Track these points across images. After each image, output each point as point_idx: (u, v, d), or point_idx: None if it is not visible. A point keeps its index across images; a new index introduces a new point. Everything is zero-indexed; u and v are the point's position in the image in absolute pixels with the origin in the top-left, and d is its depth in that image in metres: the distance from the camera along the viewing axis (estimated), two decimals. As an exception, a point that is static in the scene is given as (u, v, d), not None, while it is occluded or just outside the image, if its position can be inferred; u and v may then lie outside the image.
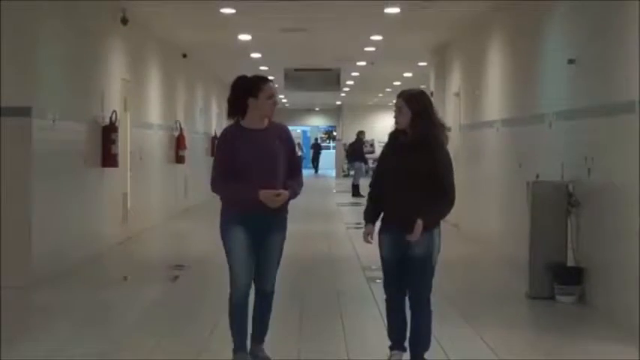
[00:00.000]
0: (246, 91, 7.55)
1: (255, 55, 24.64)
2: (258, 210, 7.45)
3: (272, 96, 7.61)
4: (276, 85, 31.52)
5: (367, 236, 7.75)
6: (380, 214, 7.74)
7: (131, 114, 18.17)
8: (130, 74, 18.20)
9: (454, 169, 7.65)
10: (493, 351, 8.89)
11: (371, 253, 8.79)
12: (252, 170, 7.48)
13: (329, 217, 24.13)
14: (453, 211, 7.73)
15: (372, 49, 23.81)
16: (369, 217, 7.83)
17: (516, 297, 11.66)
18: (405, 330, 7.69)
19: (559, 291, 11.30)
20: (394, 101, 7.72)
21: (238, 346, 7.69)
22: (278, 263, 7.83)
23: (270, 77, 8.23)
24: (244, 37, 21.29)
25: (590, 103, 11.11)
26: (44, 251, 12.37)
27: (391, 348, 7.75)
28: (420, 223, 7.33)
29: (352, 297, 11.92)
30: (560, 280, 11.33)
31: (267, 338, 7.84)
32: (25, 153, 12.09)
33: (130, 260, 15.43)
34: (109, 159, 15.61)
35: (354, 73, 31.64)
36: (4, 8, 11.77)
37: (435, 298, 7.72)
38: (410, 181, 7.41)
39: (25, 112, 12.02)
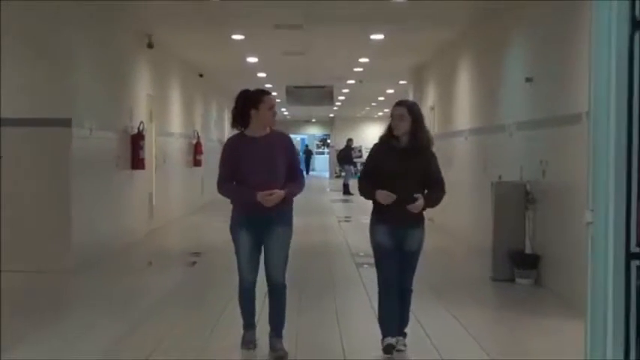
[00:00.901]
0: (249, 103, 7.33)
1: (261, 75, 24.61)
2: (260, 210, 7.20)
3: (272, 107, 7.41)
4: (279, 100, 31.47)
5: (387, 197, 7.15)
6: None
7: (156, 124, 18.19)
8: (154, 90, 18.19)
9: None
10: (462, 326, 8.88)
11: (359, 242, 8.72)
12: (254, 174, 7.26)
13: (323, 211, 24.14)
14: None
15: (360, 69, 23.82)
16: (370, 190, 7.30)
17: (482, 280, 11.69)
18: (396, 316, 7.41)
19: (518, 274, 11.33)
20: (392, 110, 7.48)
21: (247, 324, 7.58)
22: (287, 256, 7.51)
23: (274, 93, 8.12)
24: (252, 59, 21.28)
25: (544, 115, 11.12)
26: (82, 241, 12.36)
27: (384, 336, 7.37)
28: (421, 198, 7.20)
29: (343, 277, 12.11)
30: (519, 265, 11.35)
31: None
32: (66, 157, 12.11)
33: (155, 249, 15.44)
34: (137, 163, 15.63)
35: (345, 90, 31.62)
36: (50, 36, 11.77)
37: (414, 281, 7.66)
38: (409, 181, 7.21)
39: (66, 122, 12.03)
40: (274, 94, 7.97)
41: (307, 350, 7.87)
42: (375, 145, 7.56)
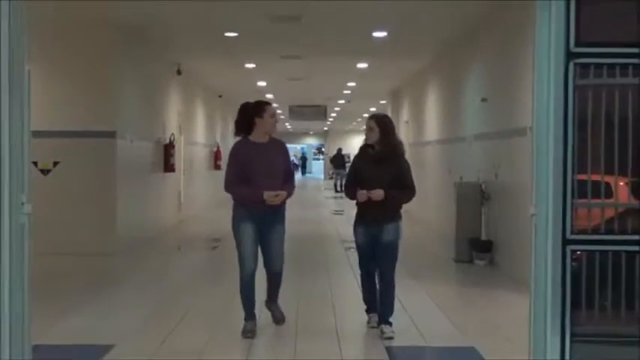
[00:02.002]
0: (253, 113, 6.89)
1: (269, 95, 24.59)
2: (261, 207, 6.77)
3: (273, 115, 6.97)
4: (283, 116, 31.38)
5: (363, 195, 6.79)
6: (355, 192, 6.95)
7: (184, 135, 18.17)
8: (182, 108, 18.20)
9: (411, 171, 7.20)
10: (431, 298, 8.86)
11: (348, 231, 8.69)
12: (258, 175, 6.78)
13: (318, 206, 24.08)
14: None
15: (349, 91, 23.80)
16: (354, 190, 6.93)
17: (447, 261, 11.68)
18: (376, 295, 7.13)
19: (476, 257, 11.33)
20: (366, 122, 7.15)
21: (248, 316, 6.97)
22: (283, 249, 7.09)
23: (279, 110, 8.01)
24: (261, 83, 21.27)
25: (496, 129, 11.11)
26: (124, 229, 12.36)
27: (367, 311, 7.23)
28: (381, 190, 6.73)
29: (334, 259, 12.06)
30: (476, 249, 11.35)
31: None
32: (112, 162, 12.11)
33: (183, 236, 15.41)
34: (168, 167, 15.64)
35: (336, 108, 31.60)
36: (101, 64, 11.79)
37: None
38: (382, 183, 6.78)
39: (111, 134, 12.03)
40: (279, 111, 7.85)
41: (306, 314, 7.89)
42: (356, 154, 7.26)
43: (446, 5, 10.85)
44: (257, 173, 6.79)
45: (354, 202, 7.07)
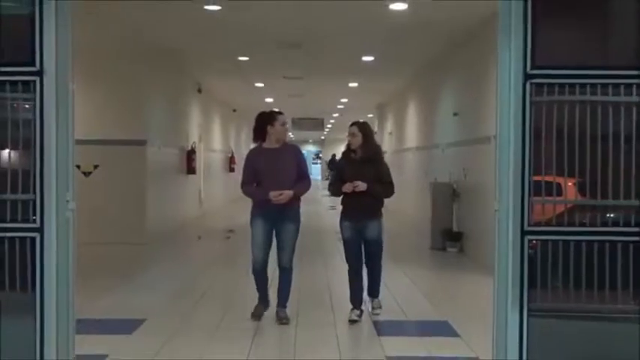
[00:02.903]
0: (266, 121, 6.58)
1: (275, 109, 24.58)
2: (272, 207, 6.38)
3: (284, 123, 6.65)
4: (287, 126, 31.30)
5: (350, 186, 6.39)
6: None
7: (203, 143, 18.13)
8: (202, 120, 18.17)
9: (392, 173, 6.78)
10: (411, 280, 8.87)
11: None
12: (268, 178, 6.44)
13: (316, 203, 24.05)
14: (388, 198, 6.75)
15: (342, 106, 23.81)
16: (338, 186, 6.54)
17: (424, 249, 11.67)
18: (362, 294, 6.63)
19: (448, 245, 11.32)
20: (348, 129, 6.63)
21: (261, 298, 6.68)
22: (293, 246, 6.57)
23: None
24: (269, 99, 21.28)
25: (465, 138, 11.10)
26: (153, 222, 12.35)
27: (352, 308, 6.57)
28: (364, 183, 6.35)
29: (328, 247, 11.97)
30: (448, 239, 11.35)
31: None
32: (143, 165, 12.10)
33: (202, 227, 15.38)
34: (190, 169, 15.61)
35: (332, 120, 31.65)
36: (134, 83, 11.80)
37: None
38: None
39: (142, 142, 12.00)
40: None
41: (307, 290, 7.94)
42: (340, 158, 6.86)
43: (423, 34, 10.89)
44: (267, 176, 6.46)
45: (340, 199, 6.65)
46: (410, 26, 10.23)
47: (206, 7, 9.18)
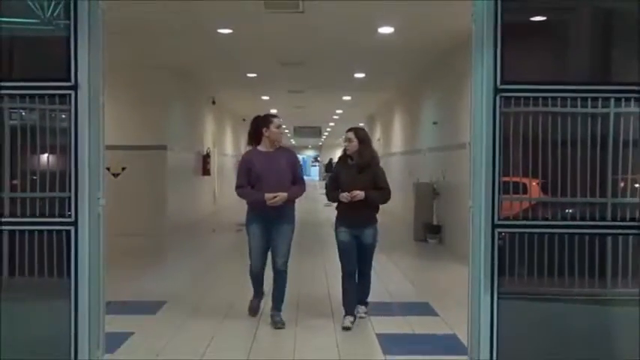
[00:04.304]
0: (261, 124, 5.88)
1: (271, 112, 24.59)
2: (267, 209, 5.67)
3: (279, 126, 5.92)
4: (289, 134, 31.27)
5: (347, 196, 5.64)
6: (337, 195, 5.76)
7: (217, 148, 18.09)
8: (216, 128, 18.13)
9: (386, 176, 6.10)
10: (397, 267, 8.85)
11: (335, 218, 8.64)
12: (262, 180, 5.72)
13: (314, 200, 24.04)
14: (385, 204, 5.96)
15: (337, 117, 23.76)
16: (335, 194, 5.76)
17: (408, 240, 11.64)
18: (356, 300, 5.89)
19: (429, 237, 11.29)
20: (345, 134, 5.89)
21: (256, 292, 6.06)
22: (289, 247, 5.81)
23: (286, 130, 7.81)
24: (273, 110, 21.22)
25: (444, 144, 11.09)
26: (173, 217, 12.34)
27: (345, 314, 5.81)
28: (361, 192, 5.62)
29: (325, 237, 11.93)
30: (429, 231, 11.31)
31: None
32: (164, 168, 12.08)
33: (216, 222, 15.34)
34: (205, 171, 15.57)
35: (328, 128, 31.56)
36: (156, 97, 11.79)
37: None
38: (359, 189, 5.64)
39: (163, 147, 11.99)
40: (286, 130, 7.69)
41: (306, 275, 7.92)
42: (336, 163, 6.07)
43: (407, 54, 10.90)
44: (261, 179, 5.74)
45: (335, 205, 5.88)
46: (396, 47, 10.24)
47: (219, 30, 9.18)
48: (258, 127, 5.90)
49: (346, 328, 5.66)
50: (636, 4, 3.99)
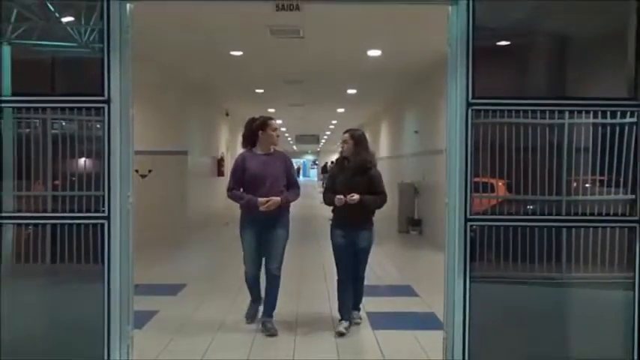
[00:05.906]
0: (258, 126, 5.06)
1: (283, 129, 24.55)
2: (260, 213, 4.97)
3: (276, 129, 5.10)
4: (291, 142, 31.24)
5: (341, 199, 4.97)
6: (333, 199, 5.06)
7: (230, 153, 18.06)
8: (229, 137, 18.10)
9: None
10: (384, 255, 8.83)
11: (330, 215, 8.62)
12: (258, 184, 4.98)
13: (312, 198, 24.02)
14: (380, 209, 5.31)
15: (332, 126, 23.74)
16: (331, 197, 5.07)
17: (394, 232, 11.63)
18: (351, 305, 5.21)
19: (411, 229, 11.30)
20: (341, 136, 5.23)
21: (253, 298, 5.34)
22: (283, 252, 5.04)
23: (289, 138, 7.81)
24: (278, 121, 21.17)
25: (424, 150, 11.10)
26: (192, 212, 12.30)
27: (340, 319, 5.14)
28: (357, 195, 4.96)
29: (321, 231, 11.92)
30: (411, 224, 11.32)
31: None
32: (185, 170, 12.02)
33: (229, 216, 15.23)
34: (220, 173, 15.53)
35: (325, 136, 31.55)
36: (178, 109, 11.79)
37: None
38: (355, 192, 4.99)
39: (184, 153, 11.93)
40: (289, 139, 7.70)
41: (306, 263, 7.88)
42: (333, 166, 5.46)
43: (392, 73, 10.93)
44: (256, 182, 4.99)
45: (331, 207, 5.20)
46: (383, 67, 10.27)
47: (231, 52, 9.18)
48: (255, 129, 5.08)
49: (340, 334, 4.99)
50: (584, 29, 4.02)
